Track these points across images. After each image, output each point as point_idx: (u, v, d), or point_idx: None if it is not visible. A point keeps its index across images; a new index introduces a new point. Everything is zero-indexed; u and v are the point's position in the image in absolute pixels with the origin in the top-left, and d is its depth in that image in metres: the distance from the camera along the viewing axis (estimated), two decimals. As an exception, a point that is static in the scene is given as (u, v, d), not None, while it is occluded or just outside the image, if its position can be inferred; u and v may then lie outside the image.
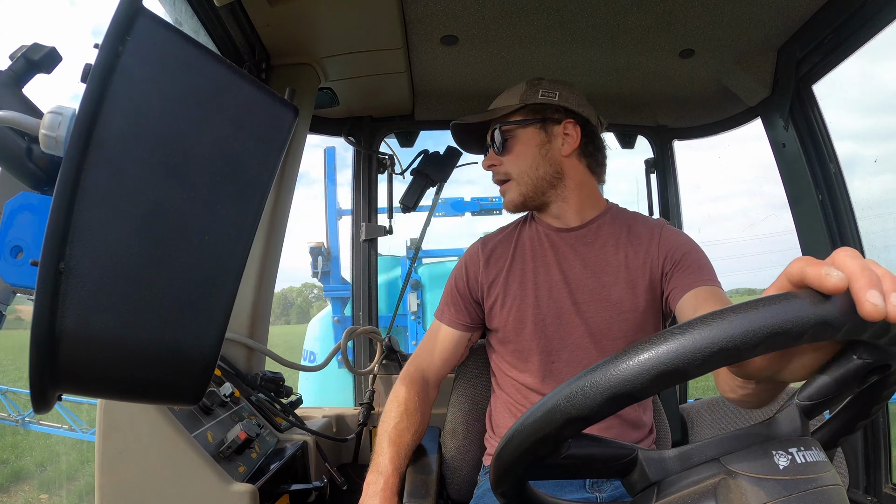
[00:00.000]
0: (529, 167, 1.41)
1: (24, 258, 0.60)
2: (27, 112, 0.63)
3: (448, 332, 1.49)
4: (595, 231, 1.42)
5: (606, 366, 0.47)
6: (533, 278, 1.41)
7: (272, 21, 1.48)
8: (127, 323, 0.48)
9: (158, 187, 0.48)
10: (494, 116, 1.43)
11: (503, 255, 1.48)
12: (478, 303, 1.48)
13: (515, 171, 1.42)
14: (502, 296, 1.43)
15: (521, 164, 1.41)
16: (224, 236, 0.50)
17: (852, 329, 0.44)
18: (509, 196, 1.44)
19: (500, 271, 1.45)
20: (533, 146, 1.41)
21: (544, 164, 1.41)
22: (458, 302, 1.49)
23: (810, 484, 0.49)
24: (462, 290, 1.49)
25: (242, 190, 0.50)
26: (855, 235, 1.68)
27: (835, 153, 1.70)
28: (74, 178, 0.46)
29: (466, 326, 1.49)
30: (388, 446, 1.35)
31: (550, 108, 1.41)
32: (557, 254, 1.42)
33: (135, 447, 1.12)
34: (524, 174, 1.41)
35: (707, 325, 0.44)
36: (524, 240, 1.48)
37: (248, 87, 0.51)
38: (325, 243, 5.61)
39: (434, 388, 1.51)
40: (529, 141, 1.41)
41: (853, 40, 1.50)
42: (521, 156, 1.41)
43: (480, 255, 1.49)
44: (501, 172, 1.44)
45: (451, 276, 1.53)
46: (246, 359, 1.62)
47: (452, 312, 1.49)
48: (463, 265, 1.52)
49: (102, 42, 0.47)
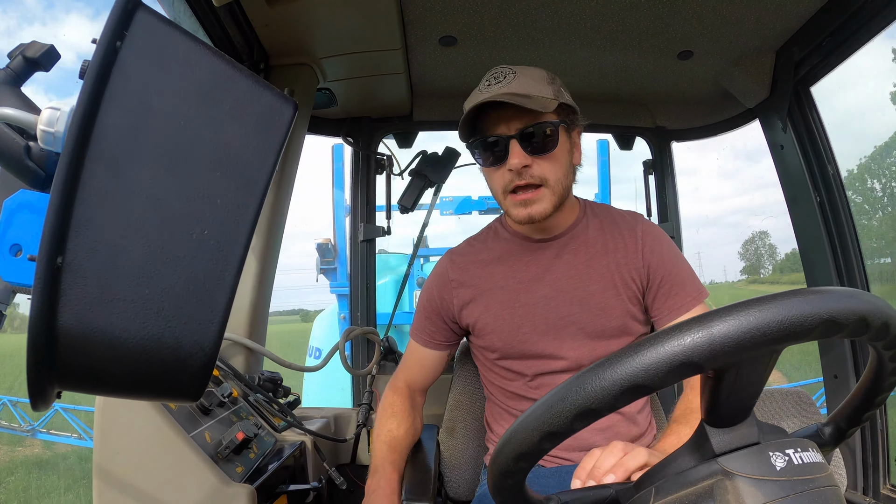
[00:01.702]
0: (563, 175, 1.26)
1: (23, 257, 0.59)
2: (26, 109, 0.63)
3: (425, 352, 1.47)
4: (578, 235, 1.36)
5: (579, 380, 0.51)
6: (519, 295, 1.35)
7: (270, 21, 1.48)
8: (126, 318, 0.48)
9: (157, 182, 0.48)
10: (535, 108, 1.18)
11: (478, 271, 1.40)
12: (453, 321, 1.44)
13: (553, 178, 1.24)
14: (485, 316, 1.37)
15: (557, 171, 1.24)
16: (223, 231, 0.50)
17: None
18: (541, 206, 1.24)
19: (479, 291, 1.38)
20: (566, 152, 1.27)
21: (570, 174, 1.30)
22: (431, 322, 1.46)
23: (807, 485, 0.49)
24: (433, 310, 1.45)
25: (241, 185, 0.50)
26: (853, 236, 1.69)
27: (833, 155, 1.70)
28: (73, 173, 0.45)
29: (443, 345, 1.46)
30: (388, 450, 1.36)
31: (571, 110, 1.29)
32: (540, 265, 1.36)
33: (132, 447, 1.11)
34: (559, 182, 1.25)
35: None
36: (500, 254, 1.40)
37: (247, 82, 0.51)
38: (331, 240, 5.61)
39: (420, 396, 1.51)
40: (564, 145, 1.26)
41: (851, 42, 1.50)
42: (559, 161, 1.25)
43: (450, 274, 1.43)
44: (536, 176, 1.23)
45: (422, 296, 1.48)
46: (244, 359, 1.61)
47: (427, 332, 1.46)
48: (431, 285, 1.46)
49: (100, 37, 0.47)
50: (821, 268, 1.73)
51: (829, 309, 0.45)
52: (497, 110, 1.22)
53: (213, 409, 1.28)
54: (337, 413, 1.96)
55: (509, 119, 1.21)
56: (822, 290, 0.47)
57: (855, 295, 0.48)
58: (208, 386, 1.29)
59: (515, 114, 1.20)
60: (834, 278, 1.70)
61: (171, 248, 0.48)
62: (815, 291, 0.47)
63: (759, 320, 0.45)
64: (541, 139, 1.22)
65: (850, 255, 1.69)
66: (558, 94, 1.25)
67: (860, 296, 0.49)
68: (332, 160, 5.34)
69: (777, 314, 0.45)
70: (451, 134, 2.31)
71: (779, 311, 0.45)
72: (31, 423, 7.51)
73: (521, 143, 1.21)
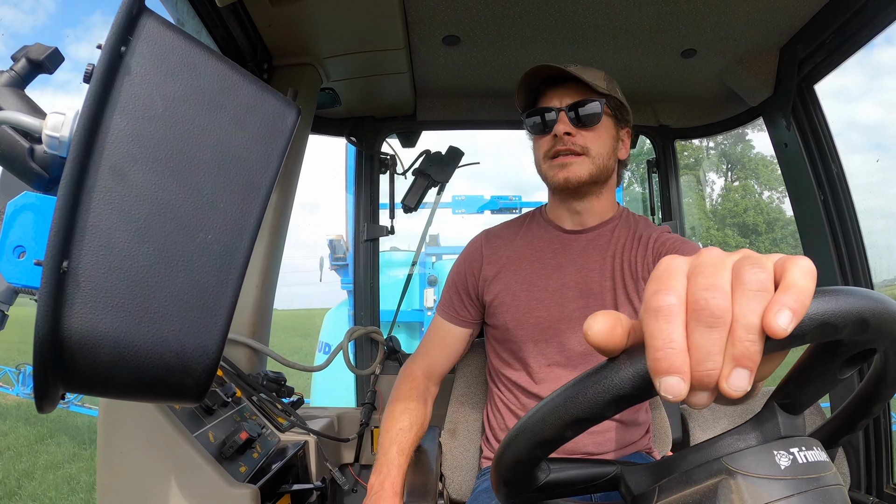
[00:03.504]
0: (606, 153, 1.37)
1: (26, 258, 0.60)
2: (30, 112, 0.63)
3: (450, 328, 1.49)
4: (609, 233, 1.40)
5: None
6: (539, 279, 1.39)
7: (274, 21, 1.48)
8: (130, 322, 0.48)
9: (161, 187, 0.48)
10: (589, 82, 1.32)
11: (507, 251, 1.45)
12: (478, 298, 1.47)
13: (595, 149, 1.35)
14: (503, 294, 1.41)
15: (601, 146, 1.36)
16: (227, 235, 0.50)
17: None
18: (578, 169, 1.34)
19: (503, 268, 1.43)
20: (610, 137, 1.39)
21: (613, 158, 1.40)
22: (458, 297, 1.49)
23: (812, 484, 0.49)
24: (461, 285, 1.48)
25: (245, 189, 0.50)
26: (857, 235, 1.68)
27: (837, 153, 1.70)
28: (78, 178, 0.46)
29: (467, 322, 1.48)
30: (391, 445, 1.34)
31: (624, 108, 1.41)
32: (566, 255, 1.40)
33: (136, 447, 1.12)
34: (601, 156, 1.36)
35: None
36: (531, 238, 1.46)
37: (251, 87, 0.51)
38: (343, 236, 5.61)
39: (435, 385, 1.49)
40: (609, 129, 1.38)
41: (855, 40, 1.50)
42: (603, 139, 1.37)
43: (483, 250, 1.48)
44: (578, 145, 1.34)
45: (452, 271, 1.52)
46: (248, 359, 1.62)
47: (453, 308, 1.49)
48: (463, 260, 1.51)
49: (105, 42, 0.47)
50: (824, 266, 1.73)
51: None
52: (553, 87, 1.38)
53: (217, 409, 1.28)
54: (340, 413, 1.96)
55: (562, 95, 1.36)
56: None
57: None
58: (212, 386, 1.30)
59: (568, 91, 1.35)
60: (838, 276, 1.70)
61: (175, 252, 0.48)
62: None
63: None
64: (588, 114, 1.33)
65: (854, 254, 1.68)
66: (612, 90, 1.37)
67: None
68: (346, 158, 5.34)
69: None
70: (455, 133, 2.31)
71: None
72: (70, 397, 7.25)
73: (569, 115, 1.34)
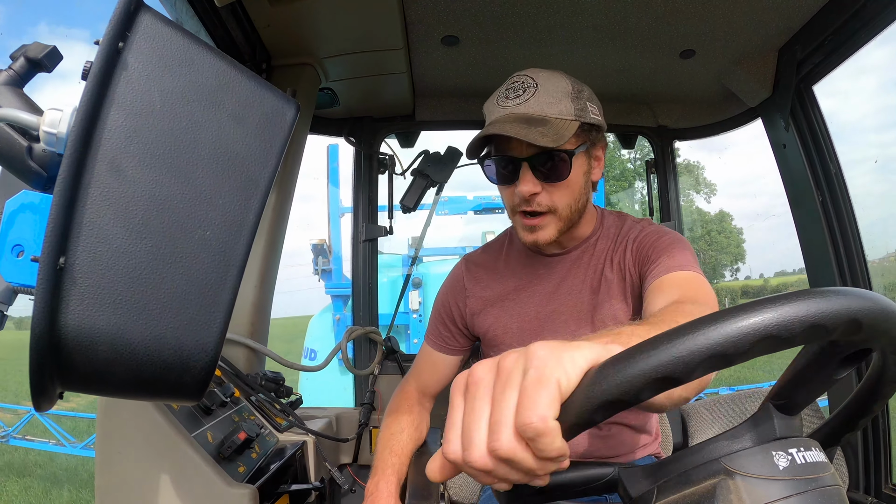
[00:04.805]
0: (575, 200, 1.21)
1: (25, 257, 0.59)
2: (28, 110, 0.63)
3: (439, 356, 1.46)
4: (590, 249, 1.32)
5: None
6: (529, 308, 1.33)
7: (273, 21, 1.48)
8: (128, 319, 0.48)
9: (159, 183, 0.48)
10: (547, 145, 1.10)
11: (491, 282, 1.39)
12: (466, 328, 1.43)
13: (562, 204, 1.19)
14: (494, 328, 1.36)
15: (568, 197, 1.19)
16: (225, 232, 0.50)
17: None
18: (546, 233, 1.21)
19: (489, 303, 1.37)
20: (582, 174, 1.22)
21: (585, 194, 1.24)
22: (445, 327, 1.45)
23: (810, 484, 0.49)
24: (447, 316, 1.44)
25: (243, 186, 0.50)
26: (855, 235, 1.68)
27: (835, 154, 1.70)
28: (75, 174, 0.45)
29: (456, 350, 1.45)
30: (384, 449, 1.36)
31: (597, 128, 1.23)
32: (552, 280, 1.33)
33: (134, 447, 1.12)
34: (568, 207, 1.20)
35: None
36: (514, 266, 1.39)
37: (249, 83, 0.51)
38: (326, 240, 5.61)
39: (430, 401, 1.49)
40: (580, 168, 1.21)
41: (854, 41, 1.50)
42: (572, 187, 1.20)
43: (465, 282, 1.42)
44: (544, 205, 1.18)
45: (437, 301, 1.48)
46: (246, 359, 1.62)
47: (441, 338, 1.46)
48: (446, 291, 1.45)
49: (103, 39, 0.47)
50: (823, 267, 1.73)
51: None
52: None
53: (216, 409, 1.28)
54: (339, 413, 1.96)
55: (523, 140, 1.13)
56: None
57: None
58: (210, 386, 1.29)
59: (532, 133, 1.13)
60: (836, 277, 1.70)
61: (173, 249, 0.48)
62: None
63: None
64: (554, 166, 1.15)
65: (852, 254, 1.68)
66: (581, 111, 1.17)
67: None
68: (328, 161, 5.34)
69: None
70: (454, 133, 2.31)
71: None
72: (6, 429, 7.00)
73: (533, 168, 1.16)
